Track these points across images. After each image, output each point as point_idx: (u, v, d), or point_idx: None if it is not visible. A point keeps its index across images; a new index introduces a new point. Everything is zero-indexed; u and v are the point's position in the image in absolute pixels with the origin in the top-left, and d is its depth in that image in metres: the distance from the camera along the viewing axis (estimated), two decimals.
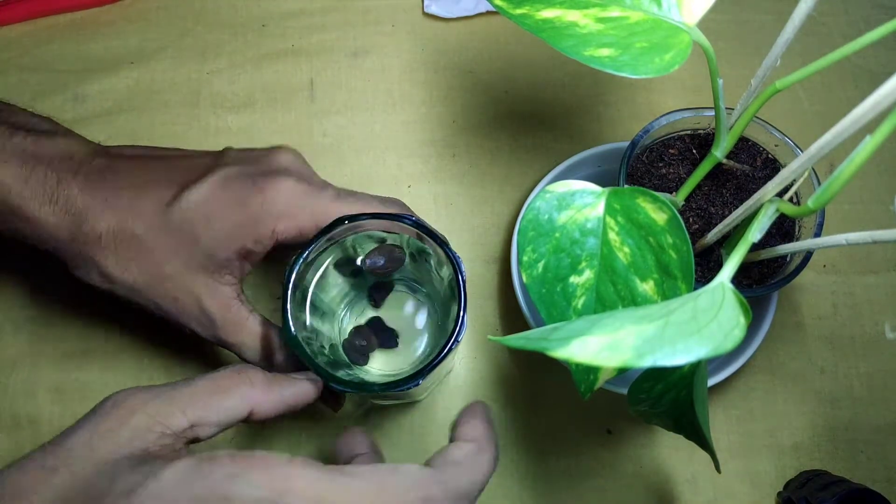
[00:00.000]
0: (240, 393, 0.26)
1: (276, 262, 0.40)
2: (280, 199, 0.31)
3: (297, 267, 0.31)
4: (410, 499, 0.23)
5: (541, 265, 0.29)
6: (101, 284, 0.32)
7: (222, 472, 0.22)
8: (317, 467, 0.23)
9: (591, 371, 0.29)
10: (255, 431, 0.42)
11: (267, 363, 0.35)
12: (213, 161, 0.32)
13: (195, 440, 0.26)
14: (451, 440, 0.27)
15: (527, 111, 0.50)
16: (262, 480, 0.22)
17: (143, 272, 0.31)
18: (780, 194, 0.29)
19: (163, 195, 0.31)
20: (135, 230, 0.30)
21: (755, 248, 0.30)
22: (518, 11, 0.29)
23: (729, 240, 0.34)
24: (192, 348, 0.43)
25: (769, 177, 0.36)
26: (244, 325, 0.33)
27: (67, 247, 0.30)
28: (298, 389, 0.29)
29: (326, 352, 0.34)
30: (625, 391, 0.38)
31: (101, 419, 0.24)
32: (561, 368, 0.44)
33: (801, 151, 0.30)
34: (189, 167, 0.32)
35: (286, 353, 0.34)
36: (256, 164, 0.32)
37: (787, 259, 0.36)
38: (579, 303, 0.29)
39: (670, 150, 0.38)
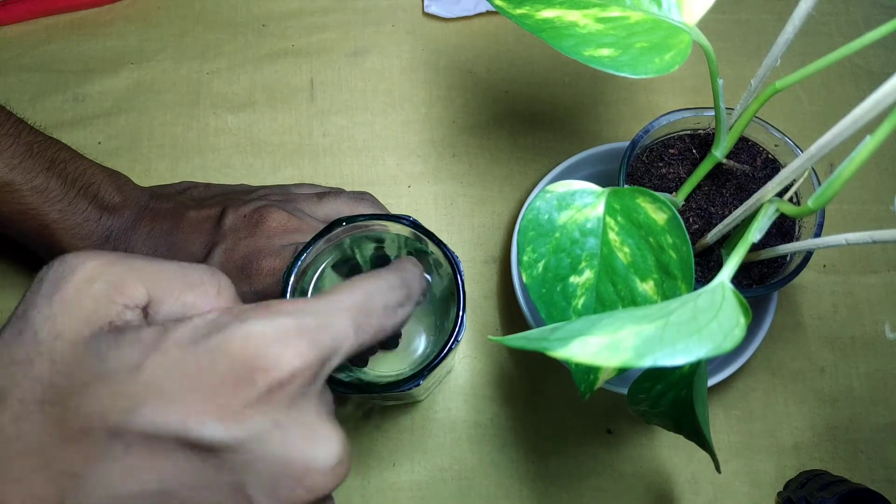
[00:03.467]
0: (204, 293, 0.23)
1: None
2: (266, 281, 0.37)
3: (295, 269, 0.31)
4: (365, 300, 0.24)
5: (541, 265, 0.29)
6: None
7: (242, 326, 0.20)
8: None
9: (591, 371, 0.29)
10: None
11: None
12: (215, 234, 0.39)
13: None
14: None
15: (527, 111, 0.50)
16: (290, 325, 0.21)
17: None
18: (780, 194, 0.29)
19: None
20: None
21: (755, 248, 0.30)
22: (518, 11, 0.29)
23: (729, 240, 0.34)
24: None
25: (769, 177, 0.36)
26: None
27: None
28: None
29: None
30: (625, 391, 0.38)
31: (55, 289, 0.21)
32: (561, 368, 0.44)
33: (801, 151, 0.30)
34: (198, 234, 0.39)
35: None
36: (249, 238, 0.38)
37: (787, 259, 0.36)
38: (579, 303, 0.29)
39: (670, 150, 0.37)
